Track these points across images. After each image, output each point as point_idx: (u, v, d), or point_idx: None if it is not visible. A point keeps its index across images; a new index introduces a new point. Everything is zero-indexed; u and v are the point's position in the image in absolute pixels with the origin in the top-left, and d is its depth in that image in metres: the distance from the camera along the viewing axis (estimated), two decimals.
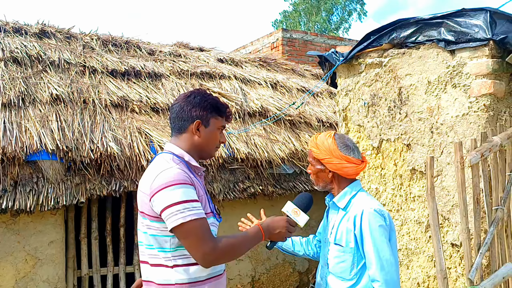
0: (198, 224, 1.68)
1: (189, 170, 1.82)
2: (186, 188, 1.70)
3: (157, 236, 1.75)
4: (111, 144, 4.01)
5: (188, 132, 1.86)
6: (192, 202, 1.70)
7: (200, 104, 1.85)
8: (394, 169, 3.61)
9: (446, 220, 3.26)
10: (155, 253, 1.76)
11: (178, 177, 1.71)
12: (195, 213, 1.68)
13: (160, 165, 1.78)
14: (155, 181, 1.71)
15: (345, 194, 2.08)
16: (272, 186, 4.75)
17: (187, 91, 1.93)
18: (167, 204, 1.67)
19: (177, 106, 1.88)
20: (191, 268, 1.75)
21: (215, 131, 1.89)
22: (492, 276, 2.61)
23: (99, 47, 5.34)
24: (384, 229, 1.96)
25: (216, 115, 1.89)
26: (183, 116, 1.86)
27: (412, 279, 3.52)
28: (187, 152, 1.86)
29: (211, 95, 1.92)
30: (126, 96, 4.59)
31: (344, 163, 2.03)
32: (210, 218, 1.83)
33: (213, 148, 1.93)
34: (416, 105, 3.44)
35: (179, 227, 1.67)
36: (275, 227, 1.87)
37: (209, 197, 1.94)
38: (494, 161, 2.70)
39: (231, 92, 5.24)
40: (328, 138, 2.09)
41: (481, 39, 3.06)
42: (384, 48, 3.63)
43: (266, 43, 10.43)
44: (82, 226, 4.45)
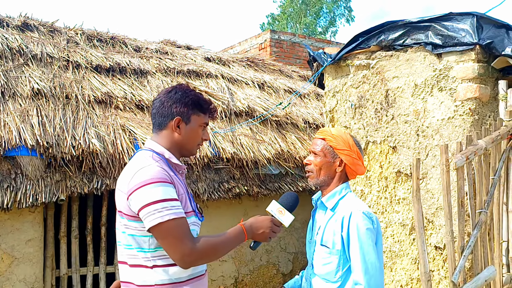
0: (176, 224, 1.63)
1: (169, 168, 1.77)
2: (165, 186, 1.65)
3: (135, 236, 1.69)
4: (94, 140, 3.92)
5: (168, 129, 1.80)
6: (171, 201, 1.64)
7: (181, 100, 1.79)
8: (379, 171, 3.61)
9: (430, 222, 3.27)
10: (134, 254, 1.71)
11: (157, 175, 1.65)
12: (174, 213, 1.62)
13: (138, 163, 1.72)
14: (133, 179, 1.66)
15: (334, 195, 2.02)
16: (257, 187, 4.71)
17: (170, 86, 1.87)
18: (145, 203, 1.61)
19: (157, 101, 1.82)
20: (171, 268, 1.70)
21: (197, 128, 1.82)
22: (474, 279, 2.62)
23: (83, 42, 5.24)
24: (371, 232, 1.93)
25: (198, 112, 1.82)
26: (163, 112, 1.80)
27: (395, 281, 3.52)
28: (168, 149, 1.80)
29: (194, 91, 1.86)
30: (110, 92, 4.50)
31: (358, 160, 1.99)
32: (192, 217, 1.78)
33: (195, 146, 1.87)
34: (402, 107, 3.44)
35: (157, 227, 1.61)
36: (258, 227, 1.82)
37: (191, 195, 1.88)
38: (478, 164, 2.71)
39: (217, 91, 5.19)
40: (345, 133, 2.04)
41: (467, 44, 3.08)
42: (372, 50, 3.64)
43: (254, 44, 10.41)
44: (61, 225, 4.34)
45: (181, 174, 1.86)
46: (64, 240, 4.37)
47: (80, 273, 4.46)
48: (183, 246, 1.62)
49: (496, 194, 2.96)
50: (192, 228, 1.76)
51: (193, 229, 1.76)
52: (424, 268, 2.37)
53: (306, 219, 5.41)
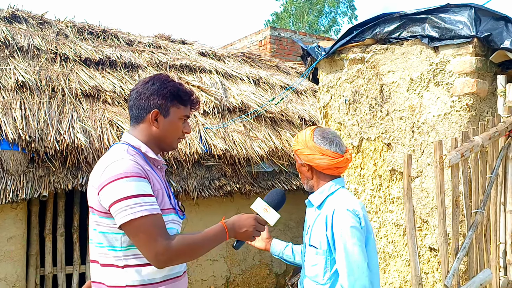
0: (150, 220, 1.52)
1: (146, 163, 1.66)
2: (138, 181, 1.54)
3: (106, 234, 1.59)
4: (79, 135, 3.80)
5: (146, 122, 1.69)
6: (144, 196, 1.53)
7: (159, 91, 1.68)
8: (373, 169, 3.48)
9: (425, 223, 3.14)
10: (104, 252, 1.60)
11: (130, 169, 1.54)
12: (147, 209, 1.52)
13: (111, 156, 1.61)
14: (104, 173, 1.55)
15: (322, 192, 1.94)
16: (249, 185, 4.59)
17: (147, 77, 1.75)
18: (116, 199, 1.51)
19: (134, 92, 1.71)
20: (144, 269, 1.59)
21: (176, 121, 1.72)
22: (469, 283, 2.49)
23: (74, 34, 5.11)
24: (357, 230, 1.80)
25: (178, 104, 1.72)
26: (140, 105, 1.69)
27: (388, 283, 3.39)
28: (145, 143, 1.69)
29: (173, 81, 1.74)
30: (98, 86, 4.38)
31: (316, 154, 1.90)
32: (170, 215, 1.67)
33: (175, 140, 1.76)
34: (397, 103, 3.31)
35: (129, 224, 1.51)
36: (241, 225, 1.71)
37: (171, 191, 1.77)
38: (474, 162, 2.58)
39: (211, 86, 5.06)
40: (307, 130, 2.00)
41: (465, 36, 2.94)
42: (367, 43, 3.50)
43: (254, 40, 10.28)
44: (47, 222, 4.22)
45: (160, 169, 1.76)
46: (49, 237, 4.25)
47: (66, 272, 4.34)
48: (157, 244, 1.52)
49: (493, 194, 2.83)
50: (171, 226, 1.66)
51: (172, 227, 1.67)
52: (415, 271, 2.24)
53: (301, 218, 5.28)
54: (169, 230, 1.63)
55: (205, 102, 4.79)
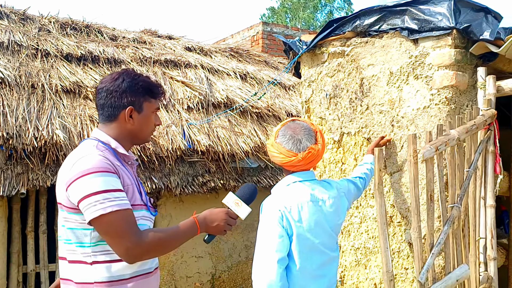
0: (120, 216, 1.52)
1: (116, 158, 1.66)
2: (107, 176, 1.55)
3: (75, 230, 1.58)
4: (58, 131, 3.76)
5: (120, 120, 1.70)
6: (114, 191, 1.54)
7: (131, 88, 1.69)
8: (354, 164, 3.43)
9: (405, 218, 3.10)
10: (73, 249, 1.60)
11: (98, 164, 1.55)
12: (117, 204, 1.52)
13: (79, 152, 1.61)
14: (73, 169, 1.55)
15: (277, 185, 2.00)
16: (234, 180, 4.55)
17: (114, 73, 1.75)
18: (85, 194, 1.51)
19: (104, 91, 1.71)
20: (113, 265, 1.59)
21: (150, 115, 1.75)
22: (444, 279, 2.46)
23: (56, 30, 5.06)
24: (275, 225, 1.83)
25: (149, 98, 1.74)
26: (112, 103, 1.69)
27: (369, 279, 3.35)
28: (116, 139, 1.70)
29: (142, 76, 1.76)
30: (79, 81, 4.33)
31: (274, 151, 1.94)
32: (142, 211, 1.68)
33: (148, 133, 1.79)
34: (377, 97, 3.26)
35: (98, 219, 1.51)
36: (212, 219, 1.72)
37: (142, 188, 1.78)
38: (451, 156, 2.53)
39: (195, 81, 5.01)
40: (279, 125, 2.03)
41: (444, 28, 2.89)
42: (347, 36, 3.44)
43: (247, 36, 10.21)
44: (28, 219, 4.19)
45: (131, 165, 1.76)
46: (32, 235, 4.22)
47: (48, 270, 4.31)
48: (128, 240, 1.52)
49: (472, 188, 2.79)
50: (142, 222, 1.66)
51: (144, 224, 1.67)
52: (386, 267, 2.21)
53: None
54: (140, 226, 1.63)
55: (189, 97, 4.74)
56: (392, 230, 3.18)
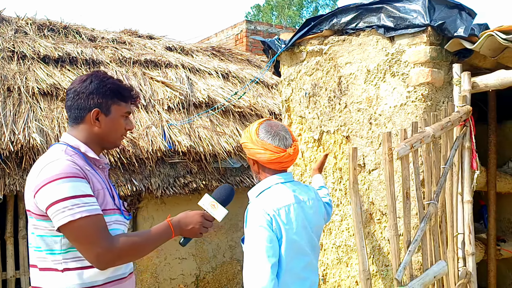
0: (90, 221, 1.49)
1: (86, 163, 1.63)
2: (76, 182, 1.51)
3: (45, 237, 1.55)
4: (34, 135, 3.68)
5: (86, 122, 1.66)
6: (83, 197, 1.50)
7: (98, 90, 1.66)
8: (334, 162, 3.44)
9: (384, 215, 3.11)
10: (43, 256, 1.57)
11: (66, 169, 1.51)
12: (86, 210, 1.49)
13: (47, 158, 1.58)
14: (40, 175, 1.52)
15: (258, 187, 1.92)
16: (216, 181, 4.52)
17: (84, 75, 1.72)
18: (53, 200, 1.48)
19: (72, 92, 1.68)
20: (85, 272, 1.56)
21: (118, 118, 1.71)
22: (422, 275, 2.47)
23: (33, 32, 4.96)
24: (265, 229, 1.76)
25: (119, 101, 1.70)
26: (79, 104, 1.65)
27: (351, 277, 3.36)
28: (85, 143, 1.66)
29: (112, 78, 1.72)
30: (57, 84, 4.25)
31: (259, 148, 1.88)
32: (114, 215, 1.65)
33: (118, 138, 1.75)
34: (355, 95, 3.26)
35: (67, 226, 1.48)
36: (187, 222, 1.70)
37: (115, 192, 1.75)
38: (426, 153, 2.54)
39: (176, 81, 4.96)
40: (255, 124, 1.98)
41: (419, 25, 2.90)
42: (325, 35, 3.44)
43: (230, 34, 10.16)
44: (7, 225, 4.11)
45: (102, 169, 1.73)
46: (11, 241, 4.14)
47: (29, 275, 4.23)
48: (98, 246, 1.49)
49: (448, 184, 2.81)
50: (115, 227, 1.63)
51: (117, 228, 1.64)
52: (362, 266, 2.20)
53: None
54: (113, 230, 1.61)
55: (169, 97, 4.69)
56: (372, 227, 3.19)
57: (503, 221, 3.93)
